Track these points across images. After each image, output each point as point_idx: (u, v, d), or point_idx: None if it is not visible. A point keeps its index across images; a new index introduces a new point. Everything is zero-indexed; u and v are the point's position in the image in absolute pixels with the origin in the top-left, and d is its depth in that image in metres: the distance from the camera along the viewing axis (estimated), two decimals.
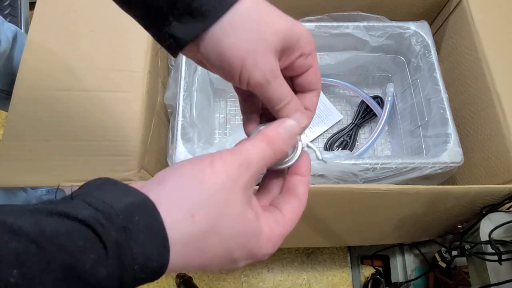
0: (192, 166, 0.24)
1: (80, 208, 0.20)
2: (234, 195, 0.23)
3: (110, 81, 0.54)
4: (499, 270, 0.52)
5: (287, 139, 0.28)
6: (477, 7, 0.63)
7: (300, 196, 0.28)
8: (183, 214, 0.22)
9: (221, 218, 0.23)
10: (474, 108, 0.62)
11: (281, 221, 0.26)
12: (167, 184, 0.23)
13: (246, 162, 0.24)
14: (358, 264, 0.90)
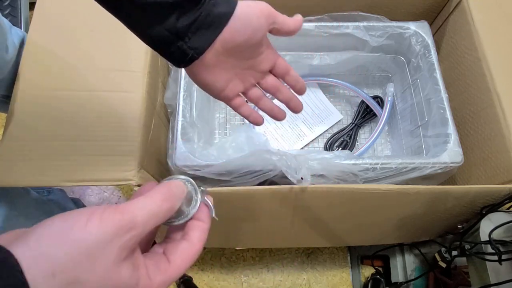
0: (61, 223, 0.23)
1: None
2: (105, 255, 0.23)
3: (110, 81, 0.54)
4: (499, 270, 0.52)
5: (179, 197, 0.28)
6: (477, 7, 0.63)
7: (193, 240, 0.28)
8: (43, 273, 0.21)
9: (85, 275, 0.22)
10: (474, 108, 0.62)
11: (164, 268, 0.26)
12: (29, 241, 0.22)
13: (129, 224, 0.24)
14: (358, 264, 0.90)
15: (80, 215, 0.23)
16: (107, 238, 0.23)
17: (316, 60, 0.73)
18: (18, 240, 0.22)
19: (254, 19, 0.35)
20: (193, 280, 0.86)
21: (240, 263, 0.90)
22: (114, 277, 0.23)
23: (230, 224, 0.64)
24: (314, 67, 0.74)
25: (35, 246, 0.22)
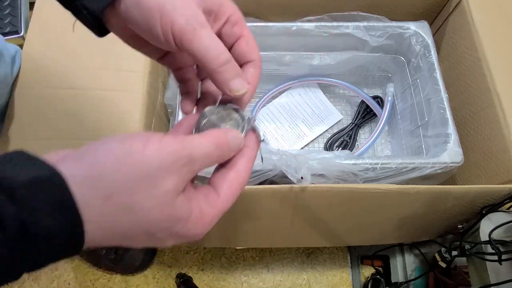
0: (118, 144, 0.22)
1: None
2: (162, 182, 0.22)
3: (111, 80, 0.54)
4: (499, 270, 0.52)
5: (232, 149, 0.26)
6: (477, 7, 0.63)
7: (240, 170, 0.26)
8: (98, 193, 0.20)
9: (141, 202, 0.21)
10: (474, 108, 0.62)
11: (214, 202, 0.25)
12: (85, 160, 0.21)
13: (187, 157, 0.23)
14: (358, 264, 0.90)
15: (139, 138, 0.22)
16: (165, 167, 0.22)
17: (316, 60, 0.73)
18: (65, 158, 0.21)
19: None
20: (193, 280, 0.86)
21: (240, 263, 0.90)
22: (168, 208, 0.22)
23: (230, 224, 0.64)
24: (314, 67, 0.74)
25: (89, 165, 0.21)
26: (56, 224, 0.19)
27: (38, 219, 0.19)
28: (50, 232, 0.19)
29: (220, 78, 0.27)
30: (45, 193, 0.19)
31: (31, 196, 0.19)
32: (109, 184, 0.21)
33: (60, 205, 0.19)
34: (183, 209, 0.23)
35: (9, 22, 0.84)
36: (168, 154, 0.22)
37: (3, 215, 0.18)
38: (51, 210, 0.19)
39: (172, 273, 0.88)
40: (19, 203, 0.18)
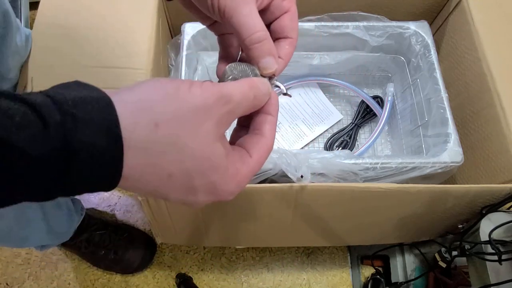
0: (168, 81, 0.23)
1: (35, 95, 0.19)
2: (206, 121, 0.22)
3: (114, 79, 0.55)
4: (499, 270, 0.52)
5: (263, 92, 0.27)
6: (477, 7, 0.63)
7: (267, 135, 0.28)
8: (146, 119, 0.21)
9: (186, 139, 0.22)
10: (474, 108, 0.62)
11: (247, 161, 0.26)
12: (136, 89, 0.22)
13: (226, 97, 0.24)
14: (358, 264, 0.90)
15: (185, 81, 0.23)
16: (209, 104, 0.23)
17: (316, 60, 0.73)
18: (117, 91, 0.22)
19: None
20: (193, 280, 0.86)
21: (240, 263, 0.90)
22: (209, 150, 0.23)
23: (230, 223, 0.64)
24: (314, 67, 0.74)
25: (139, 93, 0.22)
26: (97, 142, 0.19)
27: (81, 132, 0.19)
28: (90, 148, 0.19)
29: (251, 54, 0.28)
30: (91, 110, 0.19)
31: (78, 110, 0.19)
32: (158, 113, 0.21)
33: (104, 124, 0.20)
34: (222, 158, 0.24)
35: None
36: (210, 94, 0.23)
37: (49, 121, 0.18)
38: (95, 127, 0.19)
39: (172, 273, 0.88)
40: (65, 114, 0.19)
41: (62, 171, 0.19)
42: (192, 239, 0.71)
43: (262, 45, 0.27)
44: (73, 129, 0.19)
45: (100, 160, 0.20)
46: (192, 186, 0.23)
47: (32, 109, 0.18)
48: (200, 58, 0.70)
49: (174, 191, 0.23)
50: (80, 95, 0.20)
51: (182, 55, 0.65)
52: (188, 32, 0.67)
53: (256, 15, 0.27)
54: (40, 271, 0.87)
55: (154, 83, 0.22)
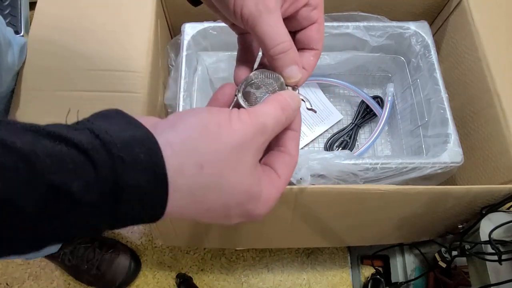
0: (209, 116, 0.23)
1: (79, 133, 0.20)
2: (245, 156, 0.23)
3: (112, 81, 0.54)
4: (499, 270, 0.52)
5: (294, 108, 0.27)
6: (477, 7, 0.63)
7: (292, 152, 0.28)
8: (192, 162, 0.21)
9: (229, 176, 0.23)
10: (474, 108, 0.62)
11: (277, 183, 0.26)
12: (179, 128, 0.22)
13: (263, 128, 0.24)
14: (358, 264, 0.90)
15: (223, 115, 0.23)
16: (248, 138, 0.23)
17: None
18: (158, 126, 0.22)
19: None
20: (193, 280, 0.86)
21: (240, 263, 0.90)
22: (248, 183, 0.24)
23: (231, 225, 0.63)
24: None
25: (183, 133, 0.22)
26: (145, 186, 0.20)
27: (129, 177, 0.19)
28: (138, 191, 0.20)
29: (275, 63, 0.28)
30: (138, 154, 0.20)
31: (126, 154, 0.20)
32: (203, 154, 0.22)
33: (152, 168, 0.20)
34: (257, 186, 0.24)
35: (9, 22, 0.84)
36: (249, 128, 0.23)
37: (100, 168, 0.19)
38: (143, 172, 0.20)
39: (172, 273, 0.88)
40: (114, 158, 0.19)
41: (110, 213, 0.20)
42: (192, 241, 0.71)
43: (287, 55, 0.27)
44: (122, 174, 0.19)
45: (147, 202, 0.20)
46: (228, 215, 0.24)
47: (82, 153, 0.19)
48: (200, 58, 0.70)
49: (209, 219, 0.24)
50: (126, 136, 0.20)
51: (182, 55, 0.65)
52: (188, 32, 0.67)
53: (280, 24, 0.27)
54: (40, 271, 0.87)
55: (196, 120, 0.23)
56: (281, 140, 0.28)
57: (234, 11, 0.26)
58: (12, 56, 0.51)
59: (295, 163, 0.28)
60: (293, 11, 0.28)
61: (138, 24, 0.58)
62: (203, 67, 0.70)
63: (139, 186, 0.20)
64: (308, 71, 0.30)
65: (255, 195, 0.24)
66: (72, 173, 0.18)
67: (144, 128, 0.21)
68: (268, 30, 0.26)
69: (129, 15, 0.59)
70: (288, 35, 0.27)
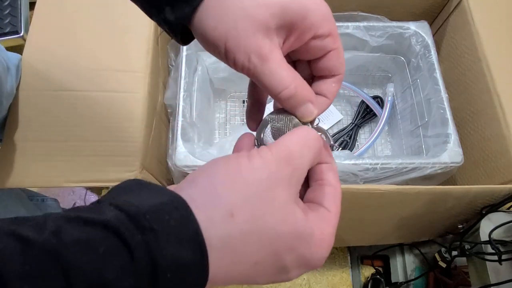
0: (227, 161, 0.21)
1: (104, 211, 0.18)
2: (277, 192, 0.21)
3: (112, 81, 0.54)
4: (499, 270, 0.52)
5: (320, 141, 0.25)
6: (477, 7, 0.63)
7: (333, 183, 0.25)
8: (220, 212, 0.19)
9: (264, 218, 0.20)
10: (474, 108, 0.62)
11: (328, 218, 0.23)
12: (199, 182, 0.21)
13: (287, 155, 0.22)
14: (358, 264, 0.90)
15: (240, 156, 0.22)
16: (273, 172, 0.21)
17: None
18: (178, 187, 0.21)
19: None
20: None
21: None
22: (291, 219, 0.21)
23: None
24: None
25: (204, 186, 0.20)
26: (182, 254, 0.18)
27: (164, 248, 0.18)
28: (175, 262, 0.18)
29: (287, 106, 0.26)
30: (169, 221, 0.18)
31: (156, 223, 0.18)
32: (229, 201, 0.20)
33: (185, 233, 0.19)
34: (304, 224, 0.22)
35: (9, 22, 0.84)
36: (271, 161, 0.21)
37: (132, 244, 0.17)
38: (177, 240, 0.18)
39: None
40: (145, 231, 0.18)
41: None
42: None
43: (296, 97, 0.25)
44: (156, 247, 0.18)
45: (186, 271, 0.19)
46: (283, 266, 0.21)
47: (112, 232, 0.18)
48: (200, 58, 0.70)
49: (263, 276, 0.21)
50: (152, 204, 0.19)
51: (182, 55, 0.65)
52: None
53: (281, 69, 0.24)
54: None
55: (214, 169, 0.21)
56: (317, 175, 0.26)
57: (229, 64, 0.25)
58: (11, 81, 0.51)
59: (339, 194, 0.25)
60: (299, 45, 0.26)
61: (138, 24, 0.58)
62: (203, 67, 0.70)
63: (176, 257, 0.18)
64: (329, 99, 0.28)
65: (305, 234, 0.21)
66: (105, 258, 0.17)
67: (168, 192, 0.20)
68: (269, 79, 0.24)
69: (129, 15, 0.59)
70: (292, 76, 0.25)
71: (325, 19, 0.25)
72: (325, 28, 0.25)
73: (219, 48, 0.24)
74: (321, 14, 0.25)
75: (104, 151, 0.50)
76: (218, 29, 0.24)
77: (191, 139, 0.62)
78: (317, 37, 0.25)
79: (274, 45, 0.24)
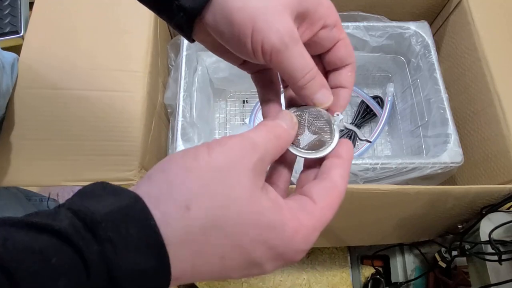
0: (184, 155, 0.20)
1: (61, 217, 0.17)
2: (239, 179, 0.19)
3: (111, 81, 0.54)
4: (499, 270, 0.52)
5: (288, 126, 0.24)
6: (477, 7, 0.63)
7: (334, 179, 0.23)
8: (175, 207, 0.18)
9: (224, 207, 0.19)
10: (474, 108, 0.62)
11: (311, 209, 0.22)
12: (154, 178, 0.20)
13: (251, 143, 0.21)
14: (358, 264, 0.90)
15: (199, 147, 0.20)
16: (234, 161, 0.20)
17: None
18: (138, 184, 0.20)
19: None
20: None
21: None
22: (255, 208, 0.19)
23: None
24: None
25: (160, 182, 0.19)
26: (141, 259, 0.17)
27: (122, 258, 0.17)
28: (135, 269, 0.17)
29: (305, 93, 0.26)
30: (128, 226, 0.17)
31: (113, 231, 0.17)
32: (183, 194, 0.19)
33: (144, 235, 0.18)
34: (272, 213, 0.20)
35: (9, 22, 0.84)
36: (231, 150, 0.20)
37: (87, 256, 0.16)
38: (135, 242, 0.17)
39: None
40: (102, 242, 0.17)
41: None
42: None
43: (315, 81, 0.25)
44: (113, 257, 0.17)
45: (146, 277, 0.18)
46: (253, 259, 0.20)
47: (66, 242, 0.17)
48: (200, 58, 0.70)
49: (234, 271, 0.20)
50: (110, 210, 0.18)
51: (182, 55, 0.65)
52: None
53: (306, 54, 0.25)
54: None
55: (170, 162, 0.20)
56: (325, 168, 0.24)
57: (252, 48, 0.24)
58: (7, 80, 0.51)
59: (338, 192, 0.23)
60: (310, 36, 0.26)
61: (137, 24, 0.58)
62: (203, 67, 0.70)
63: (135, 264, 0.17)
64: (349, 88, 0.28)
65: (275, 224, 0.20)
66: (57, 271, 0.16)
67: (127, 192, 0.19)
68: (296, 62, 0.24)
69: (128, 15, 0.59)
70: (312, 61, 0.25)
71: (331, 9, 0.26)
72: (332, 18, 0.26)
73: (245, 30, 0.23)
74: (329, 4, 0.26)
75: (103, 150, 0.50)
76: (246, 9, 0.23)
77: (191, 139, 0.62)
78: (325, 27, 0.26)
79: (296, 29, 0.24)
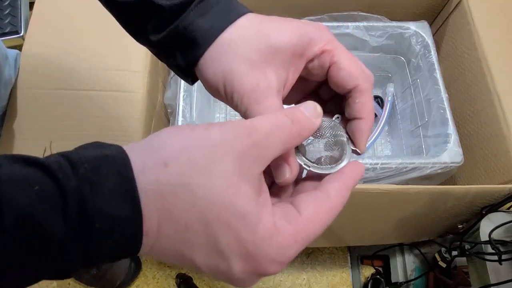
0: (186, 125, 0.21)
1: (50, 157, 0.19)
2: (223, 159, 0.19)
3: (111, 81, 0.54)
4: (499, 270, 0.52)
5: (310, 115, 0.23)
6: (477, 7, 0.63)
7: (329, 193, 0.22)
8: (155, 160, 0.19)
9: (200, 177, 0.19)
10: (474, 108, 0.62)
11: (293, 219, 0.21)
12: (148, 136, 0.21)
13: (249, 128, 0.20)
14: (358, 264, 0.90)
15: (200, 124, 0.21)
16: (226, 140, 0.19)
17: None
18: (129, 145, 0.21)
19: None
20: (193, 280, 0.86)
21: None
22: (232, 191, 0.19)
23: None
24: None
25: (148, 141, 0.20)
26: (116, 203, 0.18)
27: (98, 200, 0.18)
28: (108, 213, 0.18)
29: None
30: (108, 171, 0.18)
31: (94, 173, 0.18)
32: (168, 151, 0.19)
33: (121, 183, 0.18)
34: (249, 205, 0.19)
35: (9, 22, 0.84)
36: (229, 128, 0.20)
37: (65, 189, 0.17)
38: (112, 188, 0.18)
39: (172, 273, 0.88)
40: (81, 179, 0.18)
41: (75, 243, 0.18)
42: None
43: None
44: (89, 195, 0.18)
45: (119, 222, 0.18)
46: (217, 246, 0.19)
47: (48, 174, 0.18)
48: None
49: (198, 253, 0.19)
50: (95, 155, 0.19)
51: None
52: None
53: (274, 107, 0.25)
54: None
55: (165, 131, 0.21)
56: (323, 181, 0.24)
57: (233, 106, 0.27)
58: (10, 70, 0.51)
59: (330, 206, 0.22)
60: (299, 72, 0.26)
61: None
62: None
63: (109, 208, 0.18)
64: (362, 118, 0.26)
65: (248, 216, 0.19)
66: (39, 198, 0.17)
67: (113, 146, 0.20)
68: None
69: None
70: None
71: (309, 42, 0.25)
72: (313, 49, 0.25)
73: (220, 92, 0.26)
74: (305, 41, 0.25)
75: None
76: (216, 75, 0.26)
77: None
78: (310, 59, 0.26)
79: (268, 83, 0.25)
